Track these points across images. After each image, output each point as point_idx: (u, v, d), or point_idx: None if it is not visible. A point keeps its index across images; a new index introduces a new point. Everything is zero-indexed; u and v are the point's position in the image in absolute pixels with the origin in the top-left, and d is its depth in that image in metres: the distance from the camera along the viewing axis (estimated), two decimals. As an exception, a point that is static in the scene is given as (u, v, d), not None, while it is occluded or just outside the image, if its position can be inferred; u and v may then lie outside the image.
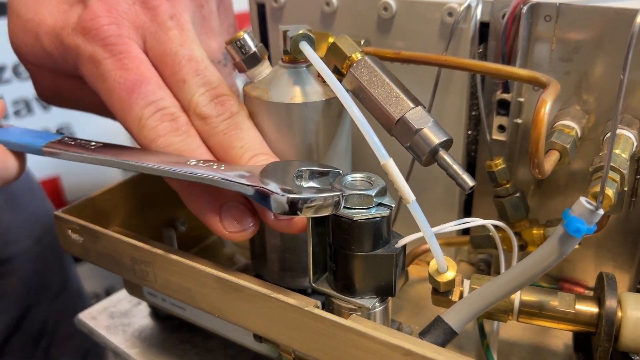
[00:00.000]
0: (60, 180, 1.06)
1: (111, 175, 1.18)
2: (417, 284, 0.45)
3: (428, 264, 0.47)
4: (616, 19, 0.34)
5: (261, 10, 0.46)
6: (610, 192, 0.29)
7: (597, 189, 0.30)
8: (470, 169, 0.43)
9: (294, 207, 0.29)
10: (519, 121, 0.38)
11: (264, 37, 0.47)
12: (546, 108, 0.29)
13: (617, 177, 0.30)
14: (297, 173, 0.32)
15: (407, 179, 0.42)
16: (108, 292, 1.13)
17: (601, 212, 0.27)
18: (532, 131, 0.29)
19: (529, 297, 0.34)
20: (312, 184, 0.33)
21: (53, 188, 1.05)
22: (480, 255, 0.45)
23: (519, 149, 0.40)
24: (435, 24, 0.39)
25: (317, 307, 0.30)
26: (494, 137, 0.39)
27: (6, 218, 0.58)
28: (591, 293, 0.42)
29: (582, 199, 0.28)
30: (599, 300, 0.33)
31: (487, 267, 0.45)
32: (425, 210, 0.30)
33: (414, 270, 0.45)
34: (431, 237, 0.30)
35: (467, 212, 0.45)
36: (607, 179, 0.28)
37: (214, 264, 0.33)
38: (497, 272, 0.45)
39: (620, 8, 0.33)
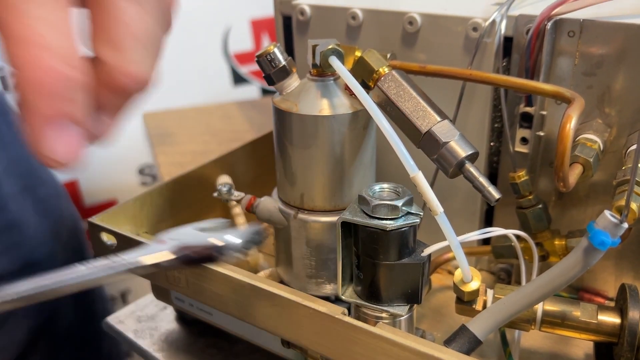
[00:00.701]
0: (78, 183, 1.08)
1: (127, 178, 1.20)
2: (438, 292, 0.45)
3: (449, 272, 0.48)
4: (638, 34, 0.34)
5: (287, 22, 0.47)
6: (635, 205, 0.30)
7: (622, 202, 0.30)
8: (492, 179, 0.43)
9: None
10: (541, 134, 0.39)
11: (289, 49, 0.48)
12: (571, 123, 0.30)
13: (641, 191, 0.31)
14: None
15: (432, 185, 0.43)
16: (123, 295, 1.14)
17: (625, 225, 0.28)
18: (557, 146, 0.30)
19: (552, 306, 0.35)
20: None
21: (72, 191, 1.07)
22: (501, 265, 0.46)
23: (541, 161, 0.40)
24: (459, 37, 0.39)
25: (344, 314, 0.31)
26: (517, 149, 0.40)
27: (34, 222, 0.59)
28: (611, 303, 0.43)
29: (607, 212, 0.28)
30: (622, 311, 0.34)
31: (507, 276, 0.46)
32: (448, 219, 0.31)
33: (435, 279, 0.46)
34: (458, 248, 0.31)
35: (488, 221, 0.46)
36: (632, 193, 0.29)
37: (244, 271, 0.34)
38: (518, 282, 0.45)
39: (643, 24, 0.34)
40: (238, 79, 1.35)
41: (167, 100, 1.11)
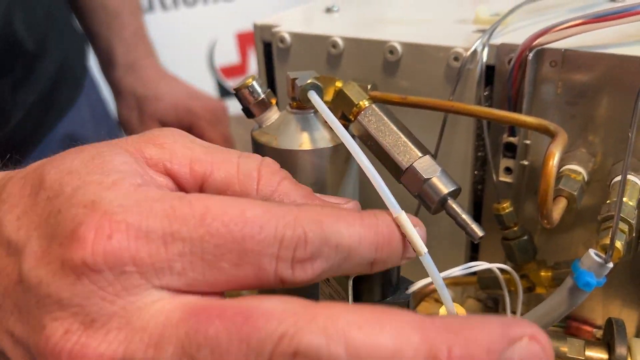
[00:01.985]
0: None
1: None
2: (424, 322, 0.45)
3: (436, 300, 0.47)
4: (621, 65, 0.34)
5: (267, 49, 0.47)
6: (619, 244, 0.29)
7: (606, 240, 0.30)
8: (477, 207, 0.43)
9: None
10: (526, 163, 0.39)
11: (270, 75, 0.47)
12: (554, 160, 0.29)
13: (626, 228, 0.30)
14: None
15: (416, 214, 0.42)
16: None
17: (610, 265, 0.28)
18: (540, 183, 0.30)
19: (539, 342, 0.34)
20: None
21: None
22: (487, 294, 0.45)
23: (526, 189, 0.40)
24: (440, 66, 0.39)
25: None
26: (501, 178, 0.40)
27: None
28: (599, 332, 0.42)
29: (592, 252, 0.28)
30: (609, 346, 0.33)
31: (494, 304, 0.45)
32: (432, 246, 0.30)
33: (421, 308, 0.45)
34: (442, 289, 0.30)
35: (474, 247, 0.45)
36: (617, 230, 0.29)
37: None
38: (504, 311, 0.45)
39: (625, 55, 0.34)
40: (224, 92, 1.34)
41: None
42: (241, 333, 0.19)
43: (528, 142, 0.38)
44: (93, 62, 0.79)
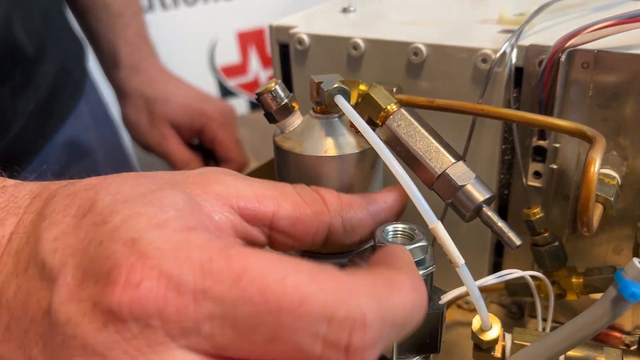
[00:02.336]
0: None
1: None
2: (448, 330, 0.44)
3: (458, 306, 0.46)
4: (656, 66, 0.33)
5: (284, 50, 0.45)
6: (664, 253, 0.28)
7: (650, 249, 0.29)
8: (502, 212, 0.42)
9: None
10: (554, 166, 0.38)
11: (286, 78, 0.46)
12: (595, 167, 0.28)
13: (669, 235, 0.30)
14: None
15: (442, 219, 0.41)
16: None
17: (657, 274, 0.27)
18: (582, 190, 0.29)
19: (574, 352, 0.33)
20: None
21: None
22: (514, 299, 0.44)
23: (554, 194, 0.39)
24: (467, 68, 0.38)
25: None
26: (530, 182, 0.39)
27: None
28: (628, 338, 0.41)
29: (636, 261, 0.27)
30: (647, 355, 0.32)
31: (519, 310, 0.44)
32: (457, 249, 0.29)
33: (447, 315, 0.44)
34: (479, 300, 0.30)
35: (498, 252, 0.44)
36: (661, 240, 0.28)
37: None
38: (531, 316, 0.44)
39: (661, 56, 0.33)
40: (225, 92, 1.32)
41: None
42: None
43: (557, 145, 0.37)
44: (92, 64, 0.78)
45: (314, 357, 0.19)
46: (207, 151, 0.75)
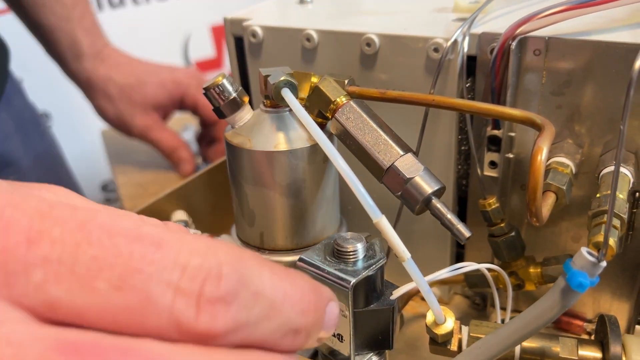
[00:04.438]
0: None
1: (90, 196, 1.15)
2: (412, 322, 0.43)
3: (422, 299, 0.46)
4: (607, 52, 0.33)
5: (239, 44, 0.44)
6: (612, 241, 0.28)
7: (599, 237, 0.28)
8: (462, 203, 0.42)
9: None
10: (511, 156, 0.37)
11: (242, 72, 0.45)
12: (542, 155, 0.28)
13: (618, 223, 0.29)
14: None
15: (398, 213, 0.41)
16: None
17: (604, 264, 0.26)
18: (529, 179, 0.28)
19: (530, 343, 0.33)
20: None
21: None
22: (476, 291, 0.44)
23: (512, 183, 0.38)
24: (420, 58, 0.37)
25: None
26: (486, 172, 0.38)
27: None
28: (590, 325, 0.41)
29: (584, 251, 0.26)
30: (602, 344, 0.32)
31: (482, 301, 0.44)
32: (416, 244, 0.29)
33: (408, 307, 0.44)
34: (428, 293, 0.29)
35: (460, 244, 0.44)
36: (610, 227, 0.27)
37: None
38: (494, 306, 0.43)
39: (611, 41, 0.32)
40: (201, 87, 1.31)
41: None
42: None
43: (513, 134, 0.37)
44: (15, 66, 0.73)
45: (164, 307, 0.17)
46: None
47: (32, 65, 0.99)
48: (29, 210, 0.17)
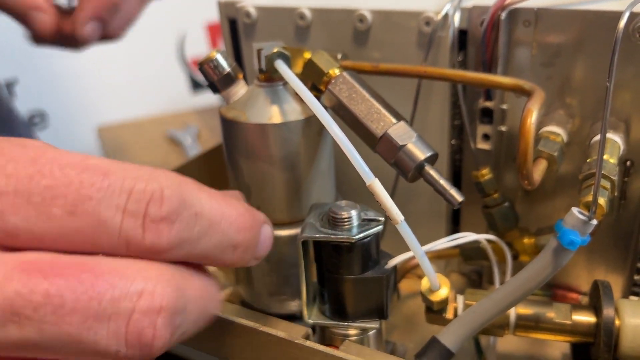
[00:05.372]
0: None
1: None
2: (409, 300, 0.44)
3: (419, 277, 0.46)
4: (596, 21, 0.33)
5: (233, 25, 0.45)
6: (602, 200, 0.28)
7: (589, 198, 0.29)
8: (456, 178, 0.42)
9: None
10: (503, 129, 0.38)
11: (237, 54, 0.46)
12: (532, 118, 0.28)
13: (608, 185, 0.30)
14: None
15: (393, 192, 0.41)
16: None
17: (594, 222, 0.27)
18: (519, 142, 0.29)
19: (525, 309, 0.33)
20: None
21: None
22: (471, 266, 0.44)
23: (505, 157, 0.39)
24: (412, 33, 0.38)
25: (308, 336, 0.29)
26: (479, 146, 0.38)
27: None
28: (585, 298, 0.41)
29: (575, 210, 0.27)
30: (595, 309, 0.32)
31: (478, 278, 0.44)
32: (413, 221, 0.29)
33: (405, 285, 0.44)
34: (422, 257, 0.29)
35: (455, 220, 0.44)
36: (599, 187, 0.28)
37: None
38: (490, 282, 0.44)
39: (599, 10, 0.33)
40: (196, 85, 1.31)
41: (122, 112, 1.07)
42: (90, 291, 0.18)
43: (505, 107, 0.37)
44: (9, 65, 0.68)
45: (114, 228, 0.19)
46: None
47: (26, 64, 0.99)
48: None
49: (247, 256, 0.24)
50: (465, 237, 0.34)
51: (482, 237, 0.35)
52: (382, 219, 0.31)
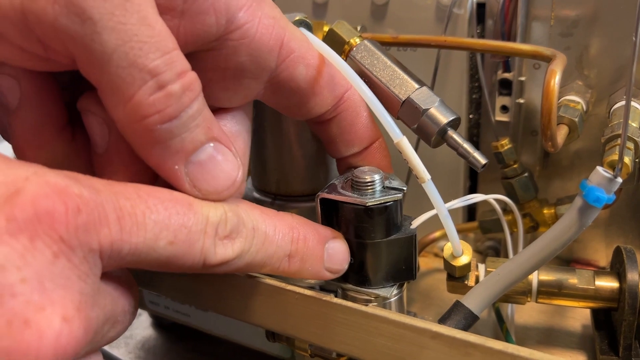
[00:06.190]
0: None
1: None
2: (425, 276, 0.44)
3: (435, 255, 0.46)
4: (614, -9, 0.33)
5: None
6: (627, 159, 0.28)
7: (614, 157, 0.29)
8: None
9: None
10: (522, 101, 0.38)
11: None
12: (556, 79, 0.28)
13: (632, 146, 0.30)
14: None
15: (409, 174, 0.41)
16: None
17: (620, 180, 0.27)
18: (543, 103, 0.29)
19: (547, 276, 0.33)
20: None
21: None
22: (488, 243, 0.44)
23: (523, 130, 0.39)
24: (430, 8, 0.38)
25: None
26: (498, 118, 0.39)
27: None
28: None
29: (600, 168, 0.27)
30: (619, 274, 0.32)
31: (495, 254, 0.44)
32: (427, 198, 0.29)
33: (421, 262, 0.44)
34: (447, 218, 0.29)
35: (471, 190, 0.44)
36: (624, 147, 0.28)
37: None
38: (507, 251, 0.44)
39: (618, -22, 0.33)
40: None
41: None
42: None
43: (523, 78, 0.37)
44: None
45: (197, 249, 0.23)
46: None
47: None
48: None
49: (308, 266, 0.27)
50: (480, 197, 0.33)
51: (497, 197, 0.35)
52: (405, 188, 0.31)
